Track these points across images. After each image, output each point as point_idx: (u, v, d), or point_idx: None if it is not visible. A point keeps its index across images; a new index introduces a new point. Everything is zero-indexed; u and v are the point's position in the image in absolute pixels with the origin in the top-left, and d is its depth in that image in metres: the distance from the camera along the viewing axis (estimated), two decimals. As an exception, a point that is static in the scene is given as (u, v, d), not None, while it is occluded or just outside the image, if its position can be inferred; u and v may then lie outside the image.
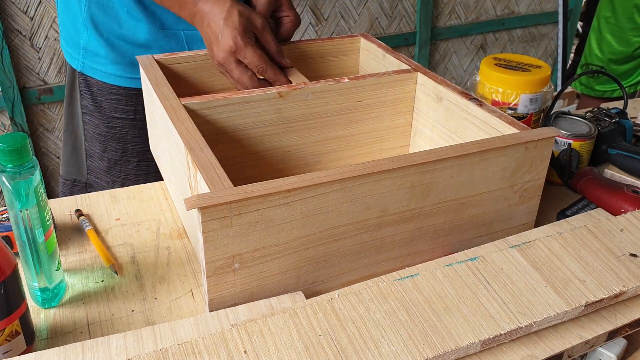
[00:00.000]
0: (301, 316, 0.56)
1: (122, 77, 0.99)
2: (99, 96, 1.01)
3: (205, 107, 0.76)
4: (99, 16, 0.96)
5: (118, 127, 1.02)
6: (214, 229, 0.57)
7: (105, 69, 0.99)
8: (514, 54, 0.99)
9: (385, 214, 0.66)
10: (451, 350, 0.54)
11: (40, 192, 0.60)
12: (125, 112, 1.01)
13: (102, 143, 1.03)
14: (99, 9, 0.96)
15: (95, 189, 1.06)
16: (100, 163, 1.04)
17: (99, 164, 1.05)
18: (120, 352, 0.56)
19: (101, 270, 0.71)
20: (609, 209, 0.81)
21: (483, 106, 0.78)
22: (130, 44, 0.97)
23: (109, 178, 1.05)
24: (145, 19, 0.95)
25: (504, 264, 0.63)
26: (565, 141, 0.89)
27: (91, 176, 1.06)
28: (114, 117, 1.01)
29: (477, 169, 0.68)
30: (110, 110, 1.01)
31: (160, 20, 0.96)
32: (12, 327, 0.56)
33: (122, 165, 1.04)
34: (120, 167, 1.04)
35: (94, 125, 1.02)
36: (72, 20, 1.00)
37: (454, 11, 2.69)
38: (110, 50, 0.98)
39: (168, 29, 0.97)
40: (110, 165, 1.04)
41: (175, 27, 0.97)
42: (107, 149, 1.03)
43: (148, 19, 0.95)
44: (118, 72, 0.99)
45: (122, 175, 1.04)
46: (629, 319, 0.61)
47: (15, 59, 1.95)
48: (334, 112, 0.85)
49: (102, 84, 1.00)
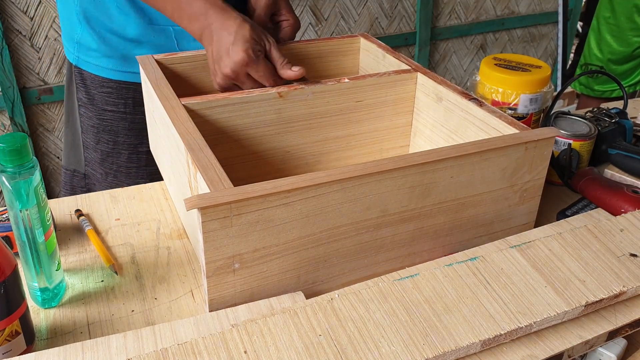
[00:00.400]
0: (301, 316, 0.56)
1: (113, 71, 1.00)
2: (92, 89, 1.02)
3: (205, 107, 0.76)
4: (91, 11, 0.98)
5: (109, 119, 1.03)
6: (214, 229, 0.57)
7: (97, 62, 1.00)
8: (514, 54, 0.99)
9: (385, 214, 0.66)
10: (451, 350, 0.54)
11: (40, 192, 0.60)
12: (116, 105, 1.02)
13: (96, 135, 1.04)
14: (91, 4, 0.97)
15: (92, 180, 1.08)
16: (95, 155, 1.06)
17: (93, 156, 1.06)
18: (120, 352, 0.56)
19: (101, 270, 0.71)
20: (609, 209, 0.81)
21: (483, 106, 0.78)
22: (120, 38, 0.98)
23: (102, 170, 1.06)
24: (135, 14, 0.96)
25: (504, 264, 0.63)
26: (565, 141, 0.89)
27: (88, 167, 1.08)
28: (105, 110, 1.02)
29: (477, 169, 0.68)
30: (102, 103, 1.02)
31: (148, 16, 0.96)
32: (12, 327, 0.56)
33: (114, 157, 1.05)
34: (112, 159, 1.05)
35: (88, 117, 1.04)
36: (68, 15, 1.02)
37: (454, 11, 2.69)
38: (101, 44, 0.99)
39: (157, 25, 0.97)
40: (103, 157, 1.05)
41: (164, 22, 0.97)
42: (99, 141, 1.04)
43: (137, 13, 0.96)
44: (109, 65, 1.00)
45: (114, 168, 1.05)
46: (629, 319, 0.61)
47: (15, 59, 1.95)
48: (334, 112, 0.85)
49: (95, 76, 1.02)
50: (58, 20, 1.97)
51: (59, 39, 2.00)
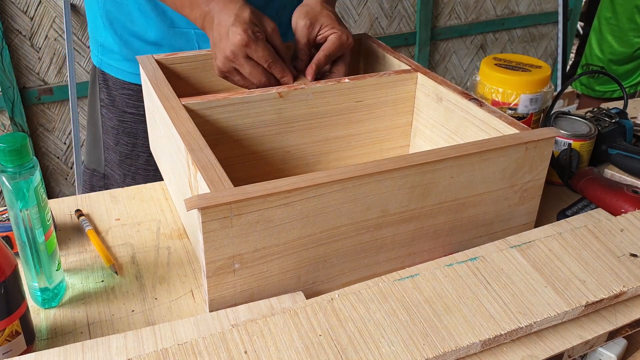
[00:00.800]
0: (301, 316, 0.56)
1: (133, 74, 1.01)
2: (113, 90, 1.03)
3: (205, 107, 0.76)
4: (114, 13, 0.98)
5: (129, 121, 1.04)
6: (214, 229, 0.57)
7: (119, 65, 1.01)
8: (514, 54, 0.99)
9: (385, 214, 0.66)
10: (451, 350, 0.54)
11: (40, 192, 0.60)
12: (136, 108, 1.03)
13: (115, 136, 1.05)
14: (114, 6, 0.98)
15: (111, 181, 1.09)
16: (114, 155, 1.06)
17: (113, 156, 1.07)
18: (120, 352, 0.56)
19: (101, 271, 0.71)
20: (609, 209, 0.81)
21: (483, 106, 0.78)
22: (142, 41, 0.99)
23: (120, 171, 1.06)
24: (156, 17, 0.96)
25: (504, 264, 0.63)
26: (565, 141, 0.89)
27: (108, 168, 1.09)
28: (125, 112, 1.03)
29: (477, 169, 0.68)
30: (122, 105, 1.03)
31: (170, 19, 0.97)
32: (12, 327, 0.56)
33: (133, 159, 1.05)
34: (130, 160, 1.06)
35: (109, 118, 1.05)
36: (93, 18, 1.03)
37: (454, 11, 2.69)
38: (123, 47, 1.00)
39: (178, 28, 0.97)
40: (122, 159, 1.06)
41: (186, 26, 0.97)
42: (119, 142, 1.05)
43: (158, 17, 0.96)
44: (130, 69, 1.01)
45: (132, 170, 1.06)
46: (629, 319, 0.61)
47: (15, 59, 1.95)
48: (334, 112, 0.85)
49: (116, 79, 1.03)
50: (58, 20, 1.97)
51: (59, 39, 2.00)
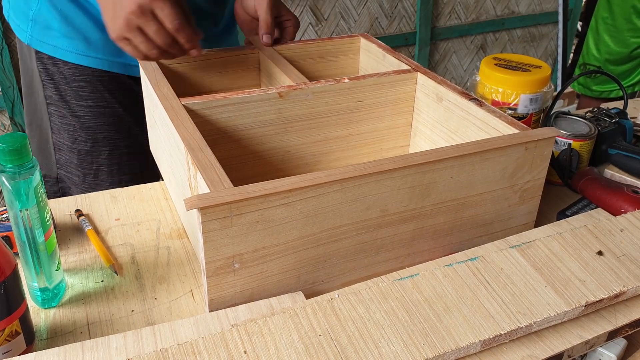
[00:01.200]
0: (301, 316, 0.56)
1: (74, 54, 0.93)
2: (62, 84, 0.95)
3: (205, 107, 0.76)
4: None
5: (86, 116, 0.96)
6: (214, 229, 0.57)
7: (55, 43, 0.92)
8: (514, 54, 0.99)
9: (385, 214, 0.66)
10: (451, 350, 0.54)
11: (40, 192, 0.60)
12: (92, 100, 0.95)
13: (71, 134, 0.97)
14: None
15: (67, 184, 1.01)
16: (71, 156, 0.99)
17: (69, 157, 0.99)
18: (120, 352, 0.56)
19: (101, 270, 0.71)
20: (609, 209, 0.81)
21: (483, 106, 0.78)
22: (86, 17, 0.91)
23: (79, 171, 0.99)
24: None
25: (504, 264, 0.63)
26: (565, 141, 0.89)
27: (62, 170, 1.01)
28: (80, 106, 0.96)
29: (477, 169, 0.68)
30: (75, 99, 0.95)
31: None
32: (12, 327, 0.56)
33: (94, 156, 0.98)
34: (91, 158, 0.99)
35: (61, 115, 0.96)
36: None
37: (454, 11, 2.69)
38: (63, 23, 0.91)
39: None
40: (81, 157, 0.98)
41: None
42: (76, 140, 0.97)
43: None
44: (70, 47, 0.92)
45: (94, 167, 0.99)
46: (629, 319, 0.61)
47: (15, 59, 1.95)
48: (334, 112, 0.85)
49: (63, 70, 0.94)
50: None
51: None
